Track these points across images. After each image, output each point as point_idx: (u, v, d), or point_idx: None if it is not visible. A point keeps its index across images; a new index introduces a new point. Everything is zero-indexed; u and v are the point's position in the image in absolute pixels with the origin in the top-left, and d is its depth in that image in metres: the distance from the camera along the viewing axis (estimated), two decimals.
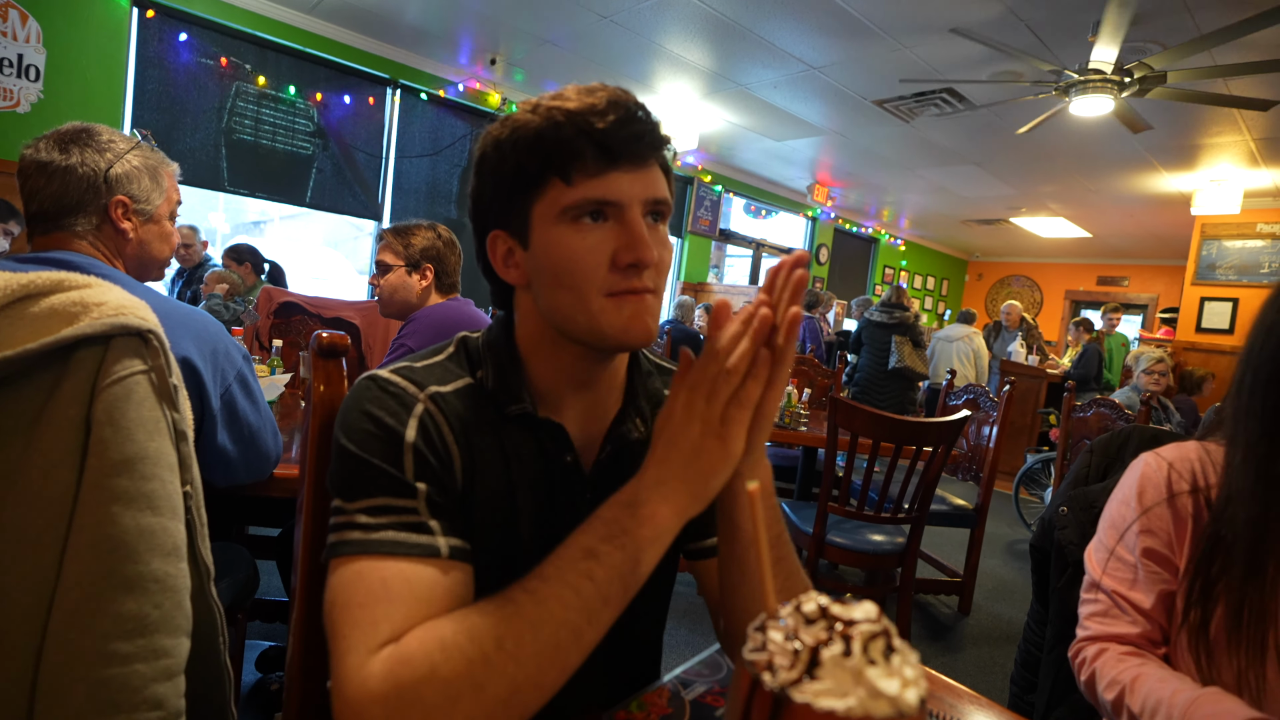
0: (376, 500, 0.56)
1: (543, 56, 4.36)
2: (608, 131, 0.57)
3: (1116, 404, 2.95)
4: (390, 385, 0.61)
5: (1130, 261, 9.34)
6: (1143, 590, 0.78)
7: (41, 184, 0.98)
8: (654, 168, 0.60)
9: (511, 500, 0.63)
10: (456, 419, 0.61)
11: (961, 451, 2.89)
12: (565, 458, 0.65)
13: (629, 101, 0.58)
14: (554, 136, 0.57)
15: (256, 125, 4.18)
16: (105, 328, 0.70)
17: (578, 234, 0.58)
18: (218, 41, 3.97)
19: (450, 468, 0.60)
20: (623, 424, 0.67)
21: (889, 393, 4.66)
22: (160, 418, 0.74)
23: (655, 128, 0.60)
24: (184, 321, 1.00)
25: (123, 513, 0.68)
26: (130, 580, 0.67)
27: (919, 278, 9.91)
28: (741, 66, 4.17)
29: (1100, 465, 0.98)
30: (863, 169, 6.32)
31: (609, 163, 0.57)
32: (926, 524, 2.17)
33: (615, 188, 0.58)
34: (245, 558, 1.37)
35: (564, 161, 0.57)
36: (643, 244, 0.58)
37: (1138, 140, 4.64)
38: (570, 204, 0.58)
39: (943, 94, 4.18)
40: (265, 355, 2.26)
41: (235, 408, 1.05)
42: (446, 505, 0.58)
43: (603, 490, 0.65)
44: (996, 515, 4.31)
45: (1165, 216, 6.72)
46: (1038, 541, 1.02)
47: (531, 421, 0.64)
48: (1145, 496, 0.79)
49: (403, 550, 0.54)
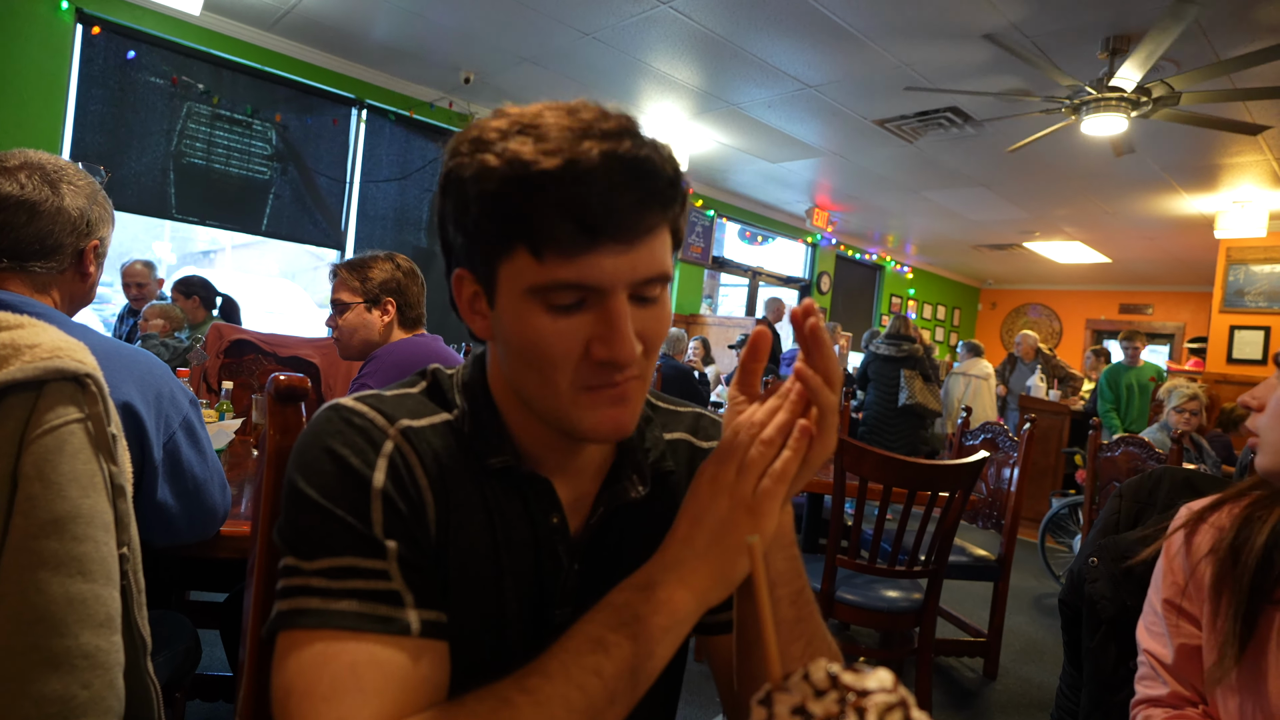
0: (340, 560, 0.52)
1: (520, 75, 4.46)
2: (593, 205, 0.49)
3: (1146, 443, 2.98)
4: (356, 417, 0.57)
5: (1154, 288, 9.54)
6: (1167, 644, 0.80)
7: (23, 220, 0.98)
8: (655, 237, 0.53)
9: (496, 562, 0.60)
10: (433, 460, 0.58)
11: (981, 496, 2.89)
12: (551, 518, 0.62)
13: (629, 154, 0.49)
14: (519, 203, 0.50)
15: (209, 148, 4.22)
16: (38, 372, 0.70)
17: (547, 318, 0.52)
18: (169, 60, 4.03)
19: (422, 517, 0.57)
20: (617, 482, 0.64)
21: (899, 432, 4.67)
22: (96, 471, 0.73)
23: (662, 185, 0.51)
24: (126, 364, 0.99)
25: (50, 579, 0.67)
26: (56, 656, 0.66)
27: (928, 306, 10.04)
28: (733, 85, 4.28)
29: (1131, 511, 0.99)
30: (865, 192, 6.46)
31: (590, 242, 0.50)
32: (945, 577, 2.16)
33: (596, 272, 0.51)
34: (186, 627, 1.33)
35: (532, 236, 0.50)
36: (621, 341, 0.52)
37: (1154, 160, 4.79)
38: (538, 284, 0.51)
39: (947, 113, 4.31)
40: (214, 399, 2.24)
41: (179, 458, 1.03)
42: (420, 565, 0.55)
43: (592, 559, 0.64)
44: (1021, 566, 4.30)
45: (1188, 240, 6.89)
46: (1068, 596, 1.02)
47: (515, 476, 0.61)
48: (1172, 545, 0.83)
49: (370, 626, 0.51)
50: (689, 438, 0.72)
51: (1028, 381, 6.06)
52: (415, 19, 3.85)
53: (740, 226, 7.48)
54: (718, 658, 0.70)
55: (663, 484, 0.68)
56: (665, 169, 0.51)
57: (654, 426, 0.69)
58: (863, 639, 2.98)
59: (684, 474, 0.69)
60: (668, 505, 0.67)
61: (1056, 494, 4.84)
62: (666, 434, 0.71)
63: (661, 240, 0.54)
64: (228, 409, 2.02)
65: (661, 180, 0.51)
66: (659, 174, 0.51)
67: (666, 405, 0.75)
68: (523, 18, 3.69)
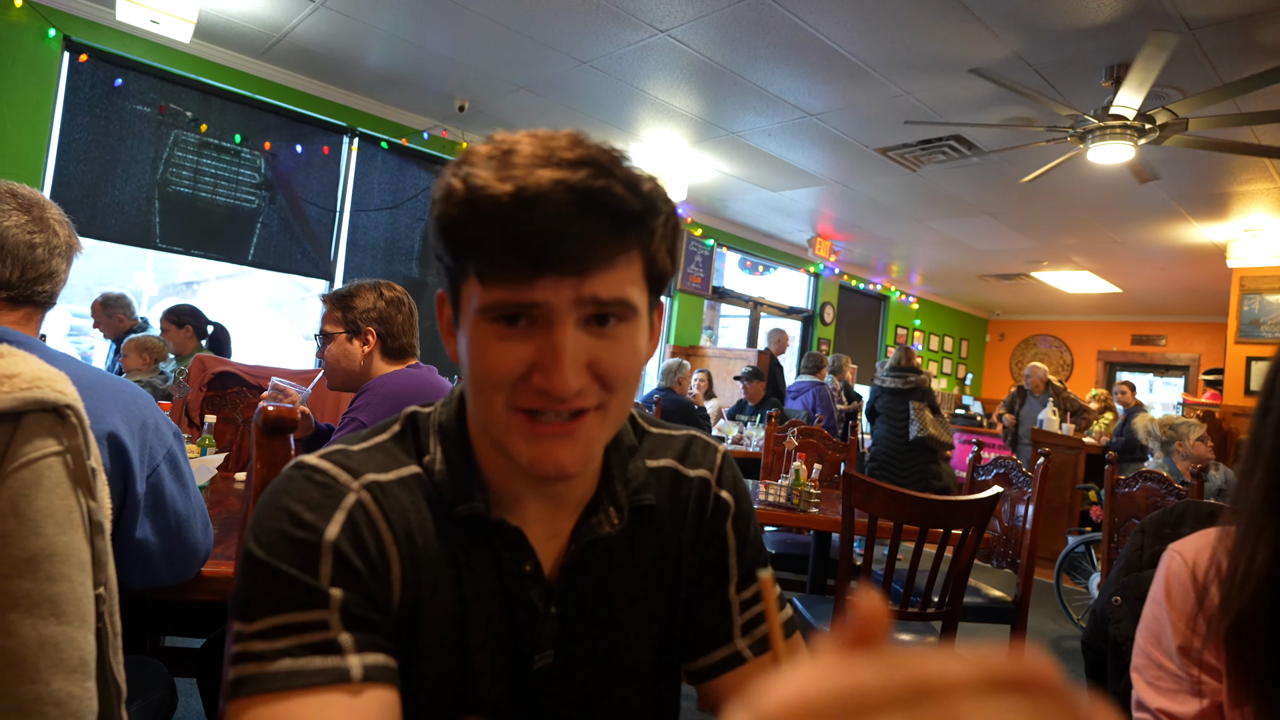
0: (277, 619, 0.52)
1: (516, 103, 4.53)
2: (536, 233, 0.50)
3: (1165, 477, 2.97)
4: (318, 473, 0.58)
5: (1166, 318, 9.60)
6: (1189, 702, 0.78)
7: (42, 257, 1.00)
8: (613, 268, 0.53)
9: (460, 616, 0.60)
10: (398, 517, 0.59)
11: (995, 534, 2.87)
12: (524, 566, 0.62)
13: (582, 183, 0.50)
14: (467, 227, 0.52)
15: (195, 176, 4.26)
16: (16, 403, 0.69)
17: (495, 338, 0.54)
18: (156, 88, 4.09)
19: (384, 577, 0.57)
20: (592, 516, 0.64)
21: (910, 467, 4.65)
22: (74, 506, 0.72)
23: (621, 217, 0.52)
24: (111, 393, 0.99)
25: (22, 621, 0.66)
26: (26, 704, 0.64)
27: (934, 338, 10.09)
28: (732, 113, 4.35)
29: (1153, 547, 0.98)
30: (868, 221, 6.53)
31: (533, 271, 0.51)
32: (960, 620, 2.13)
33: (539, 294, 0.52)
34: (161, 675, 1.30)
35: (477, 261, 0.52)
36: (559, 370, 0.52)
37: (1162, 189, 4.86)
38: (484, 305, 0.53)
39: (950, 141, 4.38)
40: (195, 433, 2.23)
41: (162, 492, 1.02)
42: (368, 619, 0.55)
43: (569, 600, 0.64)
44: (1038, 608, 4.24)
45: (1200, 270, 6.96)
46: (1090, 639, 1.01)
47: (483, 525, 0.61)
48: (1173, 595, 0.81)
49: (303, 681, 0.50)
50: (675, 465, 0.71)
51: (1040, 415, 6.06)
52: (409, 47, 3.93)
53: (741, 256, 7.55)
54: (712, 701, 0.70)
55: (641, 518, 0.67)
56: (631, 202, 0.52)
57: (638, 456, 0.69)
58: None
59: (666, 504, 0.69)
60: (647, 539, 0.68)
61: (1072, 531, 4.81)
62: (652, 461, 0.70)
63: (625, 271, 0.54)
64: (210, 443, 2.00)
65: (622, 212, 0.51)
66: (620, 205, 0.51)
67: (659, 430, 0.74)
68: (518, 45, 3.76)
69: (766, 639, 0.68)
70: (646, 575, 0.67)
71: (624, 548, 0.66)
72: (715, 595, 0.70)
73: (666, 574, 0.69)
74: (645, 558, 0.67)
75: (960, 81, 3.61)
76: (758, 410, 5.43)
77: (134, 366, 3.47)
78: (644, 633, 0.67)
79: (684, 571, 0.69)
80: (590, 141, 0.53)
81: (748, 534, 0.72)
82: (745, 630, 0.69)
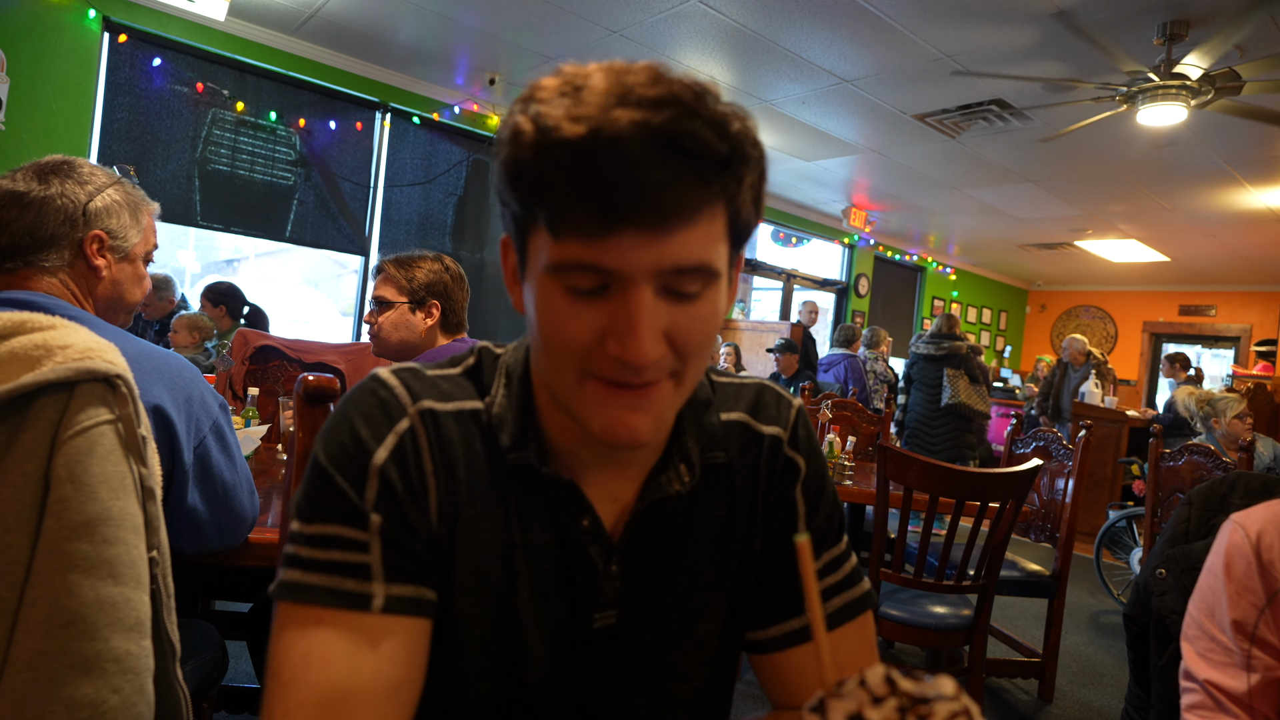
0: (327, 528, 0.55)
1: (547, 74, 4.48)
2: (613, 181, 0.45)
3: (1212, 451, 2.89)
4: (383, 389, 0.59)
5: (1217, 288, 9.27)
6: (1241, 676, 0.77)
7: (14, 215, 1.01)
8: (696, 223, 0.48)
9: (510, 563, 0.59)
10: (442, 447, 0.59)
11: (1033, 508, 2.83)
12: (581, 521, 0.60)
13: (665, 125, 0.45)
14: (537, 172, 0.47)
15: (233, 154, 4.32)
16: (70, 373, 0.72)
17: (565, 299, 0.50)
18: (194, 66, 4.14)
19: (423, 503, 0.57)
20: (661, 473, 0.62)
21: (942, 435, 4.63)
22: (126, 473, 0.75)
23: (708, 164, 0.47)
24: (157, 366, 1.01)
25: (81, 582, 0.68)
26: (87, 660, 0.67)
27: (973, 309, 9.89)
28: (765, 81, 4.27)
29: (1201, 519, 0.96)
30: (904, 190, 6.39)
31: (609, 223, 0.46)
32: (997, 593, 2.11)
33: (615, 258, 0.47)
34: (213, 637, 1.35)
35: (548, 211, 0.48)
36: (636, 339, 0.48)
37: (1216, 152, 4.67)
38: (555, 262, 0.49)
39: (991, 105, 4.24)
40: (239, 405, 2.29)
41: (209, 463, 1.05)
42: (406, 546, 0.56)
43: (634, 559, 0.62)
44: (1076, 582, 4.19)
45: (1254, 237, 6.70)
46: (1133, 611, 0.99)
47: (535, 476, 0.60)
48: (1234, 569, 0.79)
49: (331, 600, 0.53)
50: (747, 420, 0.67)
51: (1082, 388, 5.93)
52: (439, 20, 3.91)
53: (774, 228, 7.45)
54: (774, 688, 0.68)
55: (712, 476, 0.65)
56: (718, 146, 0.47)
57: (711, 411, 0.65)
58: (908, 658, 2.92)
59: (739, 461, 0.66)
60: (717, 499, 0.65)
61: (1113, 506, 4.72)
62: (725, 414, 0.67)
63: (708, 227, 0.49)
64: (254, 415, 2.05)
65: (709, 157, 0.46)
66: (706, 150, 0.46)
67: (726, 380, 0.70)
68: (549, 16, 3.72)
69: (840, 615, 0.65)
70: (714, 538, 0.65)
71: (692, 507, 0.64)
72: (785, 564, 0.66)
73: (736, 538, 0.66)
74: (714, 519, 0.65)
75: (1002, 39, 3.48)
76: (790, 383, 5.40)
77: (183, 343, 3.56)
78: (710, 599, 0.65)
79: (758, 537, 0.66)
80: (672, 75, 0.48)
81: (820, 500, 0.68)
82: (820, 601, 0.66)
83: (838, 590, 0.66)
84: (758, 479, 0.66)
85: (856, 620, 0.65)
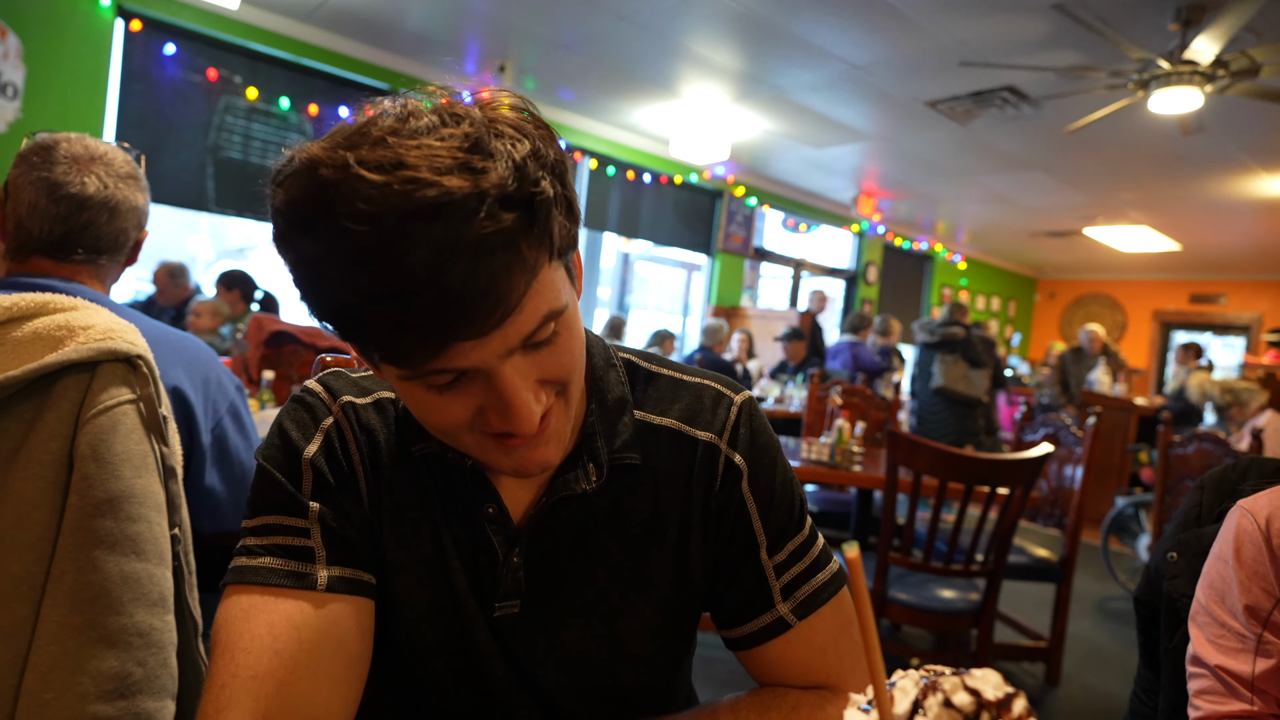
0: (268, 519, 0.58)
1: (556, 61, 4.47)
2: (427, 326, 0.43)
3: (1222, 439, 2.87)
4: (307, 395, 0.64)
5: (1228, 276, 9.17)
6: (1251, 661, 0.77)
7: (104, 219, 1.02)
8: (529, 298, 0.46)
9: (438, 542, 0.61)
10: (366, 437, 0.62)
11: (1042, 494, 2.82)
12: (486, 508, 0.61)
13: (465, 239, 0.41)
14: (336, 315, 0.46)
15: (246, 141, 4.33)
16: (92, 353, 0.72)
17: (428, 395, 0.50)
18: (206, 53, 4.14)
19: (354, 491, 0.60)
20: (569, 471, 0.61)
21: (940, 420, 4.65)
22: (148, 452, 0.75)
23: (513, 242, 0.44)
24: (174, 348, 1.02)
25: (105, 558, 0.69)
26: (112, 634, 0.68)
27: (981, 298, 9.82)
28: (775, 67, 4.23)
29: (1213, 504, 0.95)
30: (914, 178, 6.34)
31: (435, 351, 0.45)
32: (1004, 578, 2.11)
33: (458, 361, 0.46)
34: None
35: (365, 350, 0.48)
36: (517, 415, 0.49)
37: (1230, 139, 4.60)
38: (402, 376, 0.49)
39: (1003, 92, 4.19)
40: (255, 389, 2.30)
41: (227, 444, 1.06)
42: (343, 532, 0.59)
43: (537, 552, 0.62)
44: (1083, 569, 4.18)
45: (1267, 225, 6.62)
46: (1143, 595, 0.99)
47: (441, 462, 0.61)
48: (1244, 554, 0.80)
49: (275, 580, 0.56)
50: (679, 427, 0.66)
51: (1091, 376, 5.90)
52: (450, 6, 3.89)
53: (783, 215, 7.41)
54: (754, 669, 0.68)
55: (629, 476, 0.63)
56: (516, 220, 0.43)
57: (628, 410, 0.64)
58: (915, 642, 2.93)
59: (666, 465, 0.65)
60: (640, 501, 0.64)
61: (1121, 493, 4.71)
62: (653, 417, 0.66)
63: (542, 291, 0.47)
64: (269, 399, 2.07)
65: (512, 240, 0.43)
66: (507, 235, 0.43)
67: (670, 374, 0.69)
68: (558, 2, 3.69)
69: (810, 601, 0.64)
70: (636, 538, 0.64)
71: (608, 507, 0.63)
72: (745, 562, 0.65)
73: (666, 541, 0.64)
74: (636, 521, 0.64)
75: (1015, 26, 3.44)
76: (798, 370, 5.39)
77: (204, 327, 3.58)
78: (633, 599, 0.63)
79: (695, 541, 0.65)
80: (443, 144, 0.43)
81: (771, 495, 0.65)
82: (786, 594, 0.64)
83: (807, 576, 0.65)
84: (692, 483, 0.65)
85: (830, 603, 0.65)
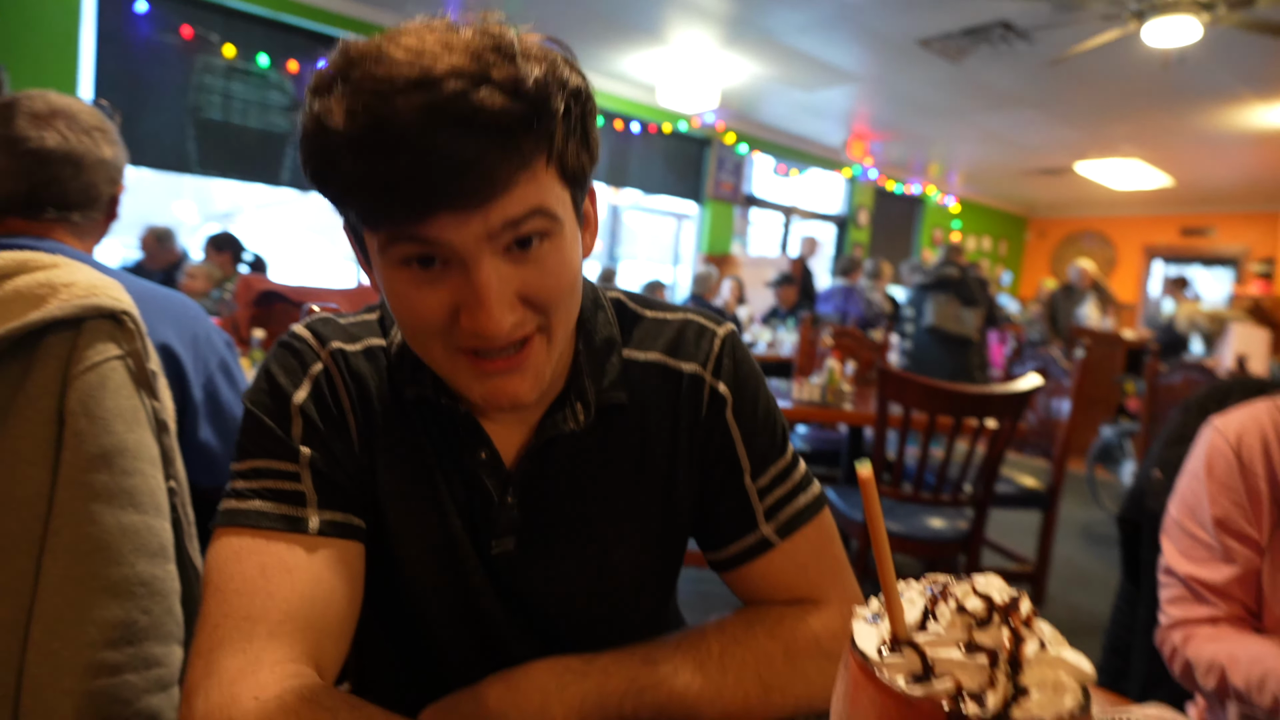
0: (257, 462, 0.58)
1: (540, 7, 4.34)
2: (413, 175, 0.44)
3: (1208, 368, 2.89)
4: (295, 341, 0.62)
5: (1216, 210, 9.12)
6: (1220, 569, 0.81)
7: (70, 174, 1.00)
8: (517, 184, 0.47)
9: (433, 485, 0.62)
10: (356, 383, 0.61)
11: (1029, 425, 2.85)
12: (479, 453, 0.61)
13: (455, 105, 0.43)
14: (333, 174, 0.46)
15: (226, 101, 4.23)
16: (76, 310, 0.71)
17: (408, 283, 0.49)
18: (179, 10, 4.00)
19: (344, 436, 0.60)
20: (557, 411, 0.62)
21: (933, 359, 4.69)
22: (139, 406, 0.75)
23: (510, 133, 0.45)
24: (161, 306, 1.01)
25: (103, 511, 0.69)
26: (115, 584, 0.69)
27: (973, 238, 9.77)
28: (764, 8, 4.11)
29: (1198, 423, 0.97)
30: (906, 119, 6.23)
31: (421, 213, 0.45)
32: (992, 506, 2.15)
33: (438, 234, 0.46)
34: None
35: (355, 209, 0.48)
36: (486, 313, 0.48)
37: (1226, 70, 4.51)
38: (384, 248, 0.49)
39: (997, 27, 4.09)
40: (245, 348, 2.30)
41: (219, 398, 1.06)
42: (334, 477, 0.58)
43: (530, 492, 0.63)
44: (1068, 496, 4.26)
45: (1258, 156, 6.55)
46: (1127, 513, 1.02)
47: (434, 408, 0.61)
48: (1215, 469, 0.83)
49: (266, 523, 0.55)
50: (664, 360, 0.66)
51: (1080, 310, 5.91)
52: None
53: (774, 161, 7.30)
54: (739, 588, 0.69)
55: (617, 415, 0.64)
56: (513, 108, 0.44)
57: (615, 350, 0.65)
58: (906, 569, 3.00)
59: (653, 401, 0.65)
60: (628, 436, 0.65)
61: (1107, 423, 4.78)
62: (638, 354, 0.66)
63: (530, 185, 0.48)
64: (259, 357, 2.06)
65: (506, 125, 0.44)
66: (501, 118, 0.44)
67: (655, 314, 0.69)
68: None
69: (792, 522, 0.65)
70: (627, 472, 0.65)
71: (597, 445, 0.64)
72: (729, 486, 0.66)
73: (654, 471, 0.65)
74: (625, 456, 0.65)
75: None
76: (790, 315, 5.38)
77: (199, 290, 3.57)
78: (624, 529, 0.65)
79: (681, 470, 0.66)
80: (462, 37, 0.46)
81: (755, 421, 0.67)
82: (770, 515, 0.66)
83: (789, 499, 0.66)
84: (678, 414, 0.66)
85: (812, 522, 0.66)
